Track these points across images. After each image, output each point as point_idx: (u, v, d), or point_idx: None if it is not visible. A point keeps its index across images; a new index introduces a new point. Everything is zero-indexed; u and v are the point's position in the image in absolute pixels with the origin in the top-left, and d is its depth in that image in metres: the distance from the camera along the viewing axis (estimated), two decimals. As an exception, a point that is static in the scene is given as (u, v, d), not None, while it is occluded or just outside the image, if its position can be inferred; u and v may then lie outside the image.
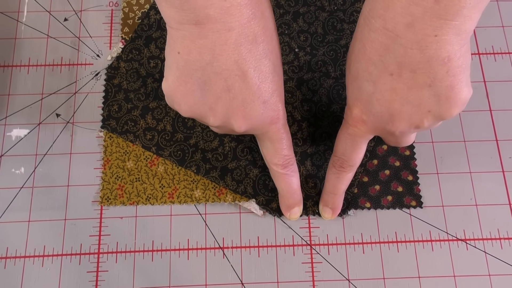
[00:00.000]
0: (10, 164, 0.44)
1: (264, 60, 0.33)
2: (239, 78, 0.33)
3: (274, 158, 0.39)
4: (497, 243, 0.42)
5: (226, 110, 0.34)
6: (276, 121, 0.36)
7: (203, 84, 0.33)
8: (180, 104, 0.35)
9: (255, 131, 0.37)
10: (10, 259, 0.41)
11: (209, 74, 0.33)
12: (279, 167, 0.40)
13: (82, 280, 0.40)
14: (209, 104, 0.34)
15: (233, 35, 0.31)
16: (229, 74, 0.33)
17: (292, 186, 0.41)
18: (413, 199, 0.43)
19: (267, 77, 0.34)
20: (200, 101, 0.34)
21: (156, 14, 0.49)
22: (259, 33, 0.32)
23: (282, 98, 0.36)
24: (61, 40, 0.48)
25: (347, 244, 0.42)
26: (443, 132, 0.46)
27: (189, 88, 0.34)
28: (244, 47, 0.32)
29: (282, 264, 0.41)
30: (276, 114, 0.36)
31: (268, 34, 0.33)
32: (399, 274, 0.41)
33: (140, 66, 0.47)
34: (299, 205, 0.42)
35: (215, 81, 0.33)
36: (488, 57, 0.49)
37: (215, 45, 0.32)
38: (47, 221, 0.42)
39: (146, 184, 0.43)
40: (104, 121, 0.45)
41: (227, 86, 0.33)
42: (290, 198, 0.41)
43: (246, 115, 0.34)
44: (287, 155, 0.39)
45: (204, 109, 0.34)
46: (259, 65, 0.33)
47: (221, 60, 0.32)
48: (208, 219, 0.43)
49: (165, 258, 0.41)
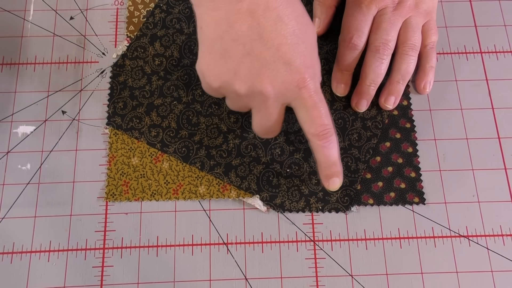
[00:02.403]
0: (16, 160, 0.44)
1: (279, 23, 0.35)
2: (256, 42, 0.35)
3: (310, 128, 0.38)
4: (499, 239, 0.42)
5: (249, 72, 0.36)
6: (303, 84, 0.37)
7: (224, 52, 0.36)
8: (209, 75, 0.37)
9: (286, 96, 0.38)
10: (17, 254, 0.41)
11: (227, 41, 0.35)
12: (316, 138, 0.38)
13: (88, 275, 0.41)
14: (233, 70, 0.36)
15: (244, 4, 0.34)
16: (246, 39, 0.35)
17: (330, 158, 0.39)
18: (416, 196, 0.43)
19: (285, 39, 0.35)
20: (224, 68, 0.36)
21: (161, 12, 0.49)
22: (271, 1, 0.35)
23: (309, 62, 0.37)
24: (67, 38, 0.49)
25: (350, 240, 0.42)
26: (445, 130, 0.46)
27: (212, 57, 0.36)
28: (257, 13, 0.34)
29: (285, 259, 0.42)
30: (302, 77, 0.36)
31: (282, 1, 0.35)
32: (402, 270, 0.41)
33: (145, 64, 0.47)
34: (339, 176, 0.40)
35: (234, 47, 0.35)
36: (490, 55, 0.49)
37: (228, 14, 0.35)
38: (53, 217, 0.43)
39: (151, 180, 0.43)
40: (110, 118, 0.46)
41: (246, 50, 0.35)
42: (327, 169, 0.40)
43: (270, 77, 0.36)
44: (324, 124, 0.38)
45: (229, 75, 0.36)
46: (275, 28, 0.35)
47: (236, 27, 0.35)
48: (212, 215, 0.43)
49: (169, 253, 0.42)
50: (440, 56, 0.49)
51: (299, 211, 0.43)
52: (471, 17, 0.51)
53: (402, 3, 0.45)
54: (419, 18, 0.45)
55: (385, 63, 0.44)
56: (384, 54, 0.44)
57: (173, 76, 0.47)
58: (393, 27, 0.44)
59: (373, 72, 0.44)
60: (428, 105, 0.47)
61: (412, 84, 0.47)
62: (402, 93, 0.45)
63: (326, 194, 0.43)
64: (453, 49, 0.49)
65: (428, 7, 0.46)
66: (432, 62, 0.46)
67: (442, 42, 0.49)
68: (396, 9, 0.45)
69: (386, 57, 0.44)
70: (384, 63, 0.44)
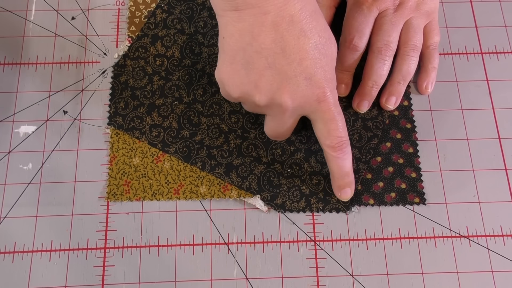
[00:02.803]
0: (18, 160, 0.44)
1: (302, 38, 0.35)
2: (279, 55, 0.35)
3: (326, 140, 0.40)
4: (500, 239, 0.42)
5: (270, 85, 0.36)
6: (323, 99, 0.37)
7: (246, 63, 0.36)
8: (229, 85, 0.38)
9: (304, 109, 0.38)
10: (18, 253, 0.42)
11: (250, 53, 0.35)
12: (331, 149, 0.40)
13: (89, 275, 0.41)
14: (254, 82, 0.36)
15: (269, 17, 0.34)
16: (269, 52, 0.35)
17: (343, 169, 0.41)
18: (417, 196, 0.43)
19: (307, 54, 0.36)
20: (245, 79, 0.37)
21: (162, 13, 0.50)
22: (296, 14, 0.35)
23: (330, 76, 0.38)
24: (69, 39, 0.49)
25: (351, 240, 0.42)
26: (446, 130, 0.46)
27: (234, 68, 0.37)
28: (281, 27, 0.35)
29: (286, 259, 0.42)
30: (322, 91, 0.37)
31: (306, 14, 0.35)
32: (402, 270, 0.41)
33: (146, 64, 0.48)
34: (351, 186, 0.42)
35: (257, 59, 0.36)
36: (491, 56, 0.49)
37: (253, 27, 0.35)
38: (54, 217, 0.43)
39: (152, 180, 0.44)
40: (111, 118, 0.46)
41: (268, 63, 0.36)
42: (340, 180, 0.41)
43: (290, 90, 0.36)
44: (340, 137, 0.39)
45: (250, 87, 0.37)
46: (298, 42, 0.35)
47: (259, 40, 0.35)
48: (213, 215, 0.43)
49: (170, 253, 0.42)
50: (441, 56, 0.49)
51: (300, 211, 0.43)
52: (471, 18, 0.51)
53: (403, 4, 0.45)
54: (420, 19, 0.45)
55: (387, 64, 0.44)
56: (386, 55, 0.44)
57: (174, 76, 0.47)
58: (395, 28, 0.44)
59: (375, 74, 0.44)
60: (429, 105, 0.47)
61: (413, 84, 0.48)
62: (403, 93, 0.46)
63: (326, 194, 0.43)
64: (454, 49, 0.49)
65: (430, 8, 0.46)
66: (434, 62, 0.46)
67: (443, 43, 0.49)
68: (397, 10, 0.45)
69: (388, 58, 0.44)
70: (386, 64, 0.44)
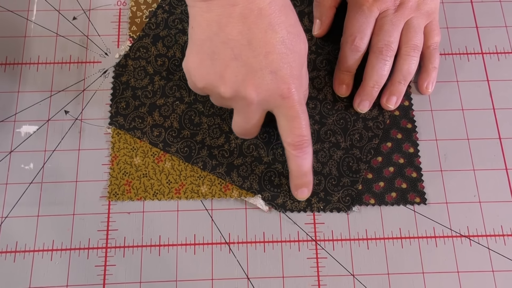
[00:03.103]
0: (19, 160, 0.44)
1: (270, 32, 0.35)
2: (245, 47, 0.35)
3: (287, 137, 0.39)
4: (500, 239, 0.42)
5: (235, 77, 0.36)
6: (288, 95, 0.37)
7: (212, 53, 0.36)
8: (195, 75, 0.38)
9: (269, 104, 0.38)
10: (20, 253, 0.42)
11: (216, 44, 0.35)
12: (291, 147, 0.39)
13: (90, 274, 0.41)
14: (219, 72, 0.36)
15: (237, 9, 0.34)
16: (235, 44, 0.35)
17: (302, 168, 0.41)
18: (417, 196, 0.43)
19: (274, 48, 0.35)
20: (211, 69, 0.36)
21: (163, 13, 0.50)
22: (265, 8, 0.35)
23: (296, 73, 0.37)
24: (70, 39, 0.49)
25: (351, 240, 0.42)
26: (447, 130, 0.46)
27: (200, 58, 0.37)
28: (249, 19, 0.35)
29: (287, 259, 0.42)
30: (287, 87, 0.37)
31: (275, 8, 0.35)
32: (403, 269, 0.41)
33: (147, 64, 0.48)
34: (308, 186, 0.42)
35: (223, 50, 0.35)
36: (491, 56, 0.49)
37: (220, 17, 0.35)
38: (55, 216, 0.43)
39: (153, 180, 0.44)
40: (112, 117, 0.46)
41: (234, 54, 0.35)
42: (298, 179, 0.41)
43: (255, 83, 0.36)
44: (302, 136, 0.39)
45: (215, 78, 0.37)
46: (265, 36, 0.35)
47: (226, 31, 0.35)
48: (214, 214, 0.43)
49: (172, 253, 0.42)
50: (442, 56, 0.49)
51: (301, 211, 0.43)
52: (472, 18, 0.51)
53: (404, 4, 0.45)
54: (421, 19, 0.45)
55: (388, 65, 0.44)
56: (387, 55, 0.44)
57: (176, 76, 0.47)
58: (395, 29, 0.45)
59: (376, 74, 0.44)
60: (430, 105, 0.47)
61: (414, 84, 0.48)
62: (403, 93, 0.46)
63: (327, 194, 0.43)
64: (454, 50, 0.49)
65: (430, 8, 0.46)
66: (435, 62, 0.47)
67: (444, 43, 0.49)
68: (397, 10, 0.45)
69: (389, 59, 0.44)
70: (387, 64, 0.44)
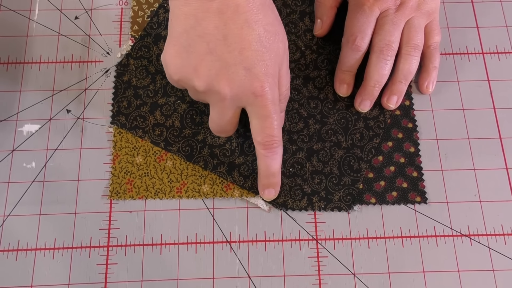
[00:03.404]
0: (21, 158, 0.45)
1: (246, 28, 0.35)
2: (220, 42, 0.35)
3: (258, 136, 0.39)
4: (501, 238, 0.42)
5: (209, 71, 0.36)
6: (261, 93, 0.37)
7: (188, 46, 0.36)
8: (171, 67, 0.38)
9: (242, 100, 0.38)
10: (22, 251, 0.42)
11: (192, 37, 0.36)
12: (261, 147, 0.39)
13: (92, 273, 0.41)
14: (194, 65, 0.37)
15: (214, 4, 0.35)
16: (211, 38, 0.35)
17: (270, 168, 0.41)
18: (418, 195, 0.43)
19: (249, 45, 0.36)
20: (186, 62, 0.37)
21: (165, 12, 0.50)
22: (242, 4, 0.35)
23: (271, 72, 0.37)
24: (72, 38, 0.49)
25: (352, 239, 0.43)
26: (447, 130, 0.46)
27: (176, 50, 0.37)
28: (225, 15, 0.35)
29: (288, 258, 0.42)
30: (260, 85, 0.37)
31: (253, 6, 0.35)
32: (403, 268, 0.42)
33: (149, 64, 0.48)
34: (275, 187, 0.42)
35: (199, 43, 0.36)
36: (492, 56, 0.49)
37: (197, 11, 0.35)
38: (57, 215, 0.43)
39: (155, 179, 0.44)
40: (114, 117, 0.46)
41: (209, 48, 0.36)
42: (265, 179, 0.41)
43: (228, 78, 0.36)
44: (272, 136, 0.39)
45: (189, 70, 0.37)
46: (241, 32, 0.35)
47: (203, 25, 0.35)
48: (215, 213, 0.43)
49: (173, 251, 0.42)
50: (442, 56, 0.49)
51: (302, 210, 0.43)
52: (473, 18, 0.51)
53: (404, 4, 0.45)
54: (421, 19, 0.46)
55: (389, 64, 0.45)
56: (388, 55, 0.44)
57: (177, 75, 0.47)
58: (396, 28, 0.45)
59: (377, 73, 0.44)
60: (430, 105, 0.47)
61: (415, 84, 0.48)
62: (404, 93, 0.46)
63: (328, 193, 0.44)
64: (455, 49, 0.50)
65: (431, 8, 0.46)
66: (435, 62, 0.47)
67: (444, 43, 0.49)
68: (398, 10, 0.45)
69: (390, 58, 0.44)
70: (388, 64, 0.44)
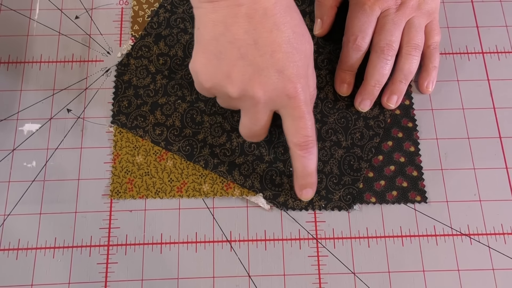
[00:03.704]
0: (22, 158, 0.45)
1: (275, 31, 0.35)
2: (251, 47, 0.35)
3: (293, 137, 0.39)
4: (500, 238, 0.43)
5: (242, 76, 0.36)
6: (294, 94, 0.37)
7: (219, 53, 0.36)
8: (202, 75, 0.38)
9: (275, 103, 0.38)
10: (22, 250, 0.42)
11: (223, 43, 0.36)
12: (297, 148, 0.40)
13: (92, 272, 0.41)
14: (226, 72, 0.36)
15: (242, 9, 0.35)
16: (242, 43, 0.35)
17: (307, 168, 0.41)
18: (418, 194, 0.44)
19: (280, 47, 0.36)
20: (218, 69, 0.37)
21: (165, 12, 0.50)
22: (269, 8, 0.35)
23: (302, 73, 0.37)
24: (72, 38, 0.49)
25: (352, 238, 0.43)
26: (447, 129, 0.46)
27: (207, 57, 0.37)
28: (254, 19, 0.35)
29: (288, 257, 0.42)
30: (293, 86, 0.37)
31: (280, 8, 0.35)
32: (403, 268, 0.42)
33: (149, 63, 0.48)
34: (313, 187, 0.42)
35: (229, 49, 0.36)
36: (492, 56, 0.49)
37: (226, 17, 0.35)
38: (58, 214, 0.43)
39: (155, 178, 0.44)
40: (114, 116, 0.46)
41: (240, 54, 0.36)
42: (303, 179, 0.42)
43: (261, 82, 0.36)
44: (307, 136, 0.39)
45: (222, 77, 0.37)
46: (271, 35, 0.35)
47: (232, 31, 0.35)
48: (216, 212, 0.43)
49: (173, 250, 0.42)
50: (442, 56, 0.49)
51: (302, 209, 0.43)
52: (472, 18, 0.51)
53: (405, 3, 0.45)
54: (421, 19, 0.46)
55: (389, 64, 0.45)
56: (388, 54, 0.44)
57: (177, 75, 0.47)
58: (397, 28, 0.45)
59: (378, 73, 0.44)
60: (430, 104, 0.47)
61: (415, 83, 0.48)
62: (404, 92, 0.46)
63: (329, 193, 0.44)
64: (455, 49, 0.50)
65: (431, 8, 0.46)
66: (435, 62, 0.47)
67: (444, 43, 0.50)
68: (399, 9, 0.45)
69: (390, 58, 0.44)
70: (389, 63, 0.45)
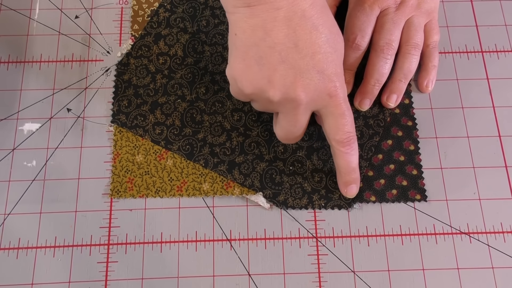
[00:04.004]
0: (22, 157, 0.45)
1: (314, 32, 0.36)
2: (292, 50, 0.35)
3: (336, 135, 0.40)
4: (500, 236, 0.43)
5: (284, 80, 0.36)
6: (334, 93, 0.38)
7: (259, 58, 0.36)
8: (242, 81, 0.37)
9: (317, 104, 0.38)
10: (22, 249, 0.42)
11: (263, 48, 0.36)
12: (340, 145, 0.40)
13: (93, 271, 0.41)
14: (267, 77, 0.36)
15: (281, 12, 0.35)
16: (282, 47, 0.35)
17: (351, 164, 0.41)
18: (418, 193, 0.44)
19: (319, 48, 0.36)
20: (259, 75, 0.36)
21: (165, 12, 0.50)
22: (307, 9, 0.35)
23: (340, 71, 0.38)
24: (72, 37, 0.50)
25: (352, 237, 0.43)
26: (447, 128, 0.46)
27: (247, 64, 0.37)
28: (293, 22, 0.35)
29: (288, 256, 0.42)
30: (333, 85, 0.37)
31: (317, 9, 0.36)
32: (403, 266, 0.42)
33: (149, 63, 0.48)
34: (356, 182, 0.42)
35: (270, 54, 0.36)
36: (491, 55, 0.49)
37: (265, 22, 0.35)
38: (58, 213, 0.43)
39: (155, 177, 0.44)
40: (114, 115, 0.46)
41: (281, 58, 0.36)
42: (347, 175, 0.42)
43: (303, 84, 0.36)
44: (349, 132, 0.40)
45: (263, 82, 0.37)
46: (310, 37, 0.36)
47: (272, 35, 0.35)
48: (216, 211, 0.43)
49: (173, 249, 0.42)
50: (442, 55, 0.49)
51: (302, 208, 0.43)
52: (472, 17, 0.51)
53: (404, 3, 0.45)
54: (421, 18, 0.46)
55: (389, 63, 0.45)
56: (388, 54, 0.44)
57: (177, 74, 0.48)
58: (396, 27, 0.45)
59: (377, 72, 0.45)
60: (430, 103, 0.47)
61: (414, 82, 0.48)
62: (404, 91, 0.46)
63: (328, 191, 0.44)
64: (454, 48, 0.50)
65: (430, 7, 0.46)
66: (434, 61, 0.47)
67: (444, 42, 0.50)
68: (398, 9, 0.45)
69: (390, 57, 0.45)
70: (388, 62, 0.45)
